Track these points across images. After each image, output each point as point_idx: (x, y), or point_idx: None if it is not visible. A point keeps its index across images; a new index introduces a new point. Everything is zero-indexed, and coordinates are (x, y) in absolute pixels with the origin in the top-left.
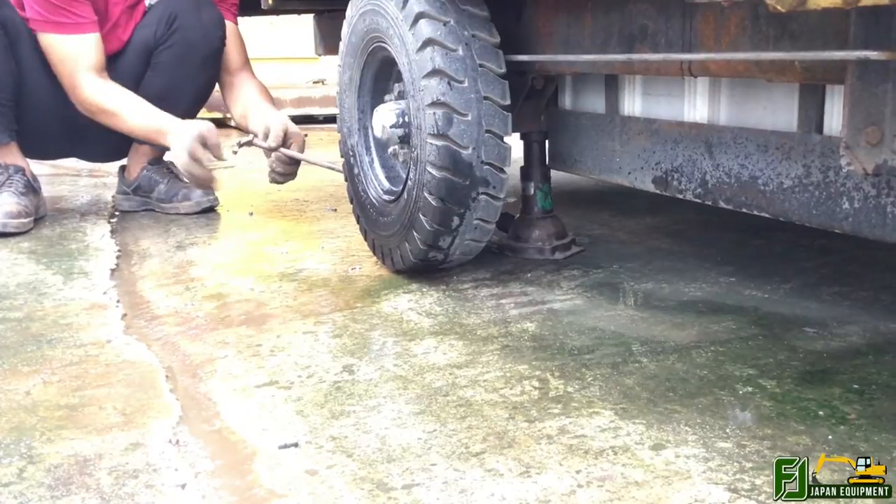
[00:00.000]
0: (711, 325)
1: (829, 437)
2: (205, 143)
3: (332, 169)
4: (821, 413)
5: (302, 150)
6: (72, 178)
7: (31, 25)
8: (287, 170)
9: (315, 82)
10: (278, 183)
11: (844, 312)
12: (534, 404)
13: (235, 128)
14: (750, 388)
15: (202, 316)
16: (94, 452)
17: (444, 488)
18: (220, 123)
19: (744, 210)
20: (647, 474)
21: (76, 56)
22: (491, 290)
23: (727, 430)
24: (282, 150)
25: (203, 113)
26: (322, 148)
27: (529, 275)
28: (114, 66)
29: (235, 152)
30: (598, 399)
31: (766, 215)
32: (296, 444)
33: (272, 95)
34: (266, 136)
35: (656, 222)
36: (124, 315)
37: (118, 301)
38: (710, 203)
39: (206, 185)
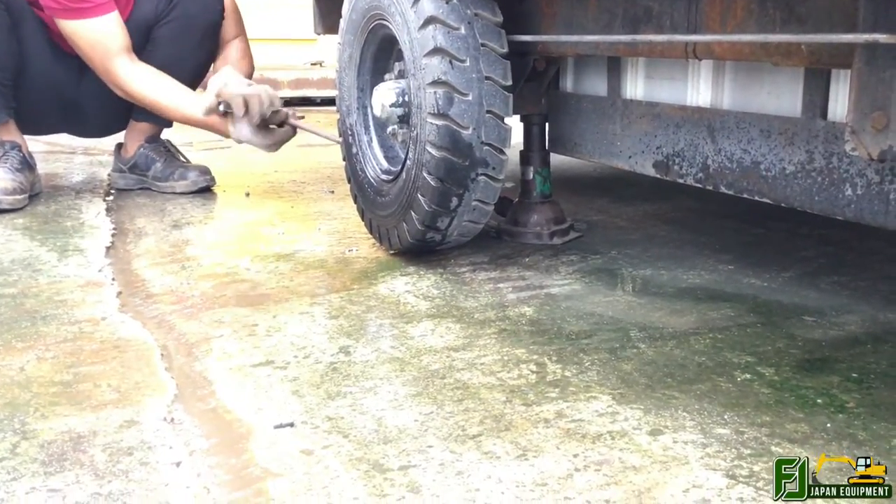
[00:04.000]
0: (710, 312)
1: (828, 424)
2: (264, 118)
3: (323, 136)
4: (819, 401)
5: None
6: (67, 156)
7: (51, 14)
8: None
9: (313, 64)
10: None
11: (843, 302)
12: (531, 388)
13: None
14: (748, 376)
15: (198, 295)
16: (89, 429)
17: (440, 470)
18: None
19: (745, 196)
20: (645, 459)
21: (104, 39)
22: (489, 274)
23: (725, 417)
24: (296, 123)
25: (200, 94)
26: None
27: (527, 259)
28: None
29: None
30: (595, 384)
31: (768, 201)
32: (291, 424)
33: (251, 58)
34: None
35: (655, 209)
36: (119, 293)
37: (113, 279)
38: (710, 188)
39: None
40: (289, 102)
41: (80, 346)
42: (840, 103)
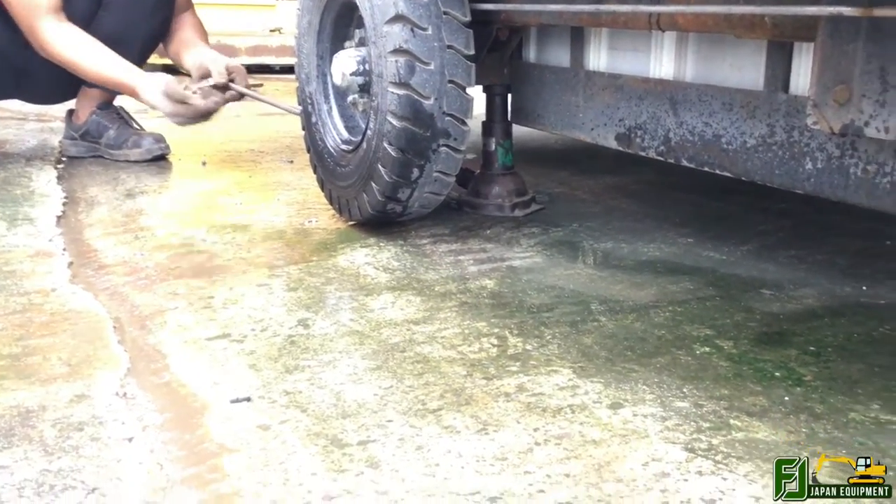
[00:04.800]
0: (669, 286)
1: (786, 398)
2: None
3: (282, 108)
4: (777, 374)
5: (246, 83)
6: (18, 122)
7: None
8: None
9: (272, 31)
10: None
11: (801, 275)
12: (492, 362)
13: (187, 75)
14: (707, 349)
15: (152, 266)
16: (38, 404)
17: (399, 445)
18: (174, 70)
19: (706, 169)
20: (605, 433)
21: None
22: (449, 247)
23: (684, 390)
24: (246, 91)
25: (154, 59)
26: (279, 98)
27: (489, 231)
28: (64, 6)
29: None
30: (556, 357)
31: (729, 174)
32: (248, 399)
33: (207, 33)
34: (201, 76)
35: (616, 182)
36: (70, 263)
37: (64, 249)
38: (672, 161)
39: (208, 115)
40: (247, 70)
41: (29, 318)
42: (802, 77)
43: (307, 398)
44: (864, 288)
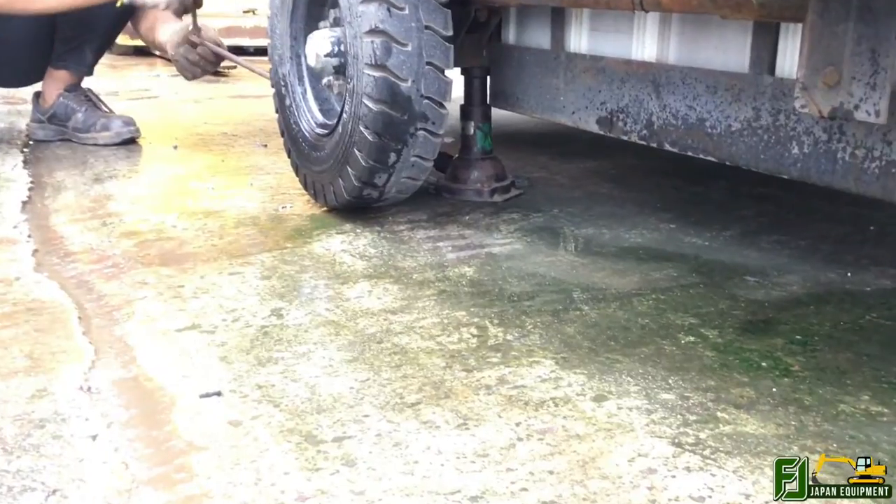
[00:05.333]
0: (652, 273)
1: (774, 389)
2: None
3: (256, 71)
4: (764, 364)
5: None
6: None
7: None
8: (198, 59)
9: (246, 12)
10: (194, 76)
11: (784, 261)
12: (472, 353)
13: (160, 56)
14: (692, 338)
15: (120, 254)
16: None
17: (377, 441)
18: (145, 52)
19: (689, 153)
20: (589, 427)
21: None
22: (427, 233)
23: (670, 381)
24: (220, 51)
25: (125, 40)
26: (252, 80)
27: (467, 217)
28: None
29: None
30: (538, 348)
31: (713, 159)
32: (219, 393)
33: None
34: (177, 41)
35: (596, 166)
36: (35, 251)
37: (29, 236)
38: (655, 145)
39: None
40: None
41: None
42: (788, 59)
43: (280, 392)
44: (849, 274)
